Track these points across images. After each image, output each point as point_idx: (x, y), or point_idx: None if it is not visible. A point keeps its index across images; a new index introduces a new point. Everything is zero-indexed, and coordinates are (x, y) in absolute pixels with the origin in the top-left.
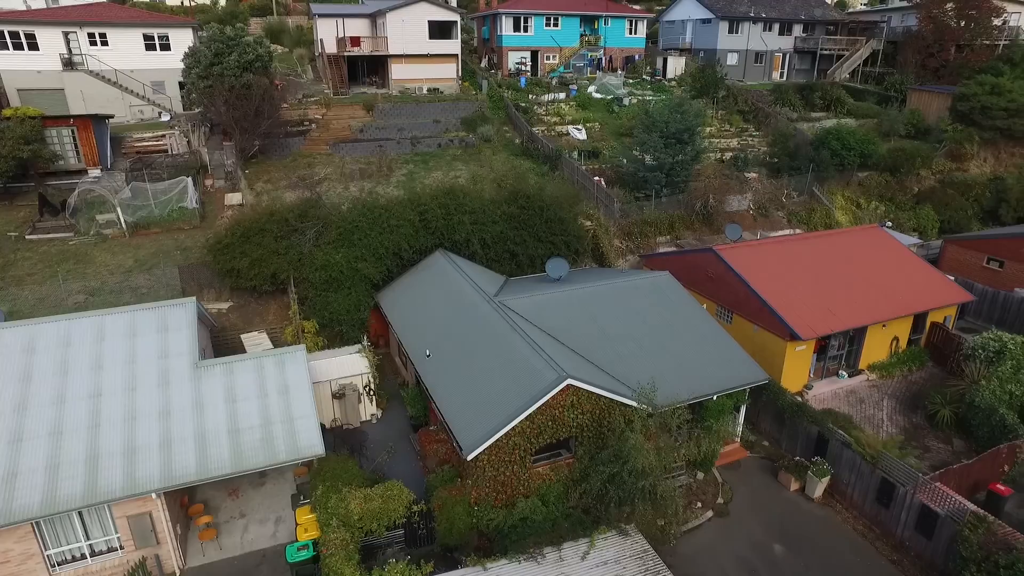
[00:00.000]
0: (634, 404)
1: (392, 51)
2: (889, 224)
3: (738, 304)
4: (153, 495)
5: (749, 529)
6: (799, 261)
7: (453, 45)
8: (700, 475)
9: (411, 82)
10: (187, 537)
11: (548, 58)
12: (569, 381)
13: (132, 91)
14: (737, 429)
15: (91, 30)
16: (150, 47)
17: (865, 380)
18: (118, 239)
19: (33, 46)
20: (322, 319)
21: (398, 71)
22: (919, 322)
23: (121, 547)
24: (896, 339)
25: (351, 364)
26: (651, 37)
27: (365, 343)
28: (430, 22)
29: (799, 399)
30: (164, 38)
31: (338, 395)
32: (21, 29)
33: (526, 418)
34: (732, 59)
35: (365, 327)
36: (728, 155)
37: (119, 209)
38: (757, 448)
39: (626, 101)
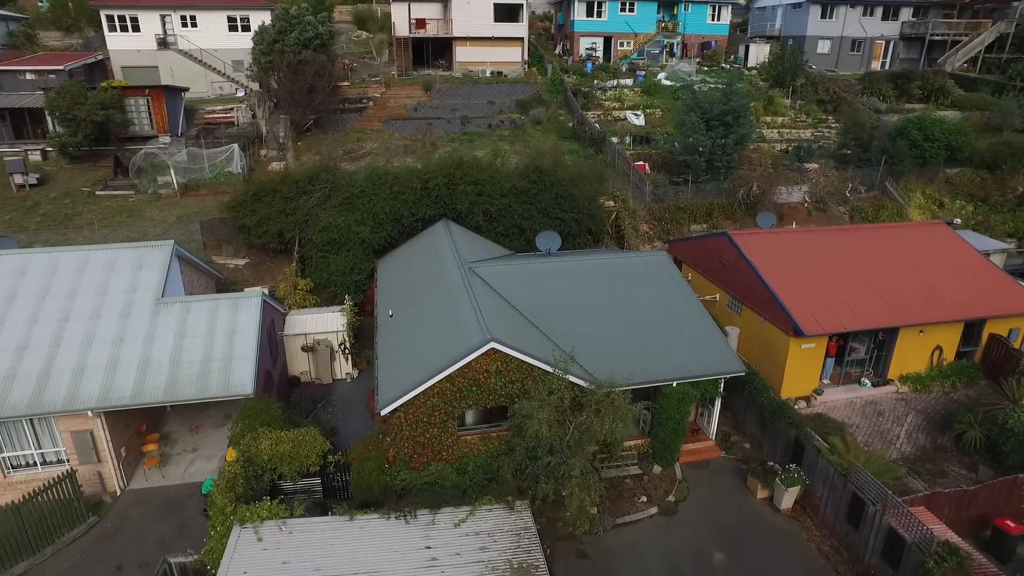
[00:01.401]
0: (552, 371)
1: (456, 33)
2: (957, 221)
3: (747, 294)
4: (90, 413)
5: (694, 533)
6: (827, 253)
7: (519, 28)
8: (657, 469)
9: (475, 65)
10: (134, 462)
11: (622, 44)
12: (492, 344)
13: (214, 68)
14: (711, 425)
15: (183, 13)
16: (232, 28)
17: (893, 392)
18: (170, 198)
19: (136, 28)
20: (319, 279)
21: (462, 53)
22: (973, 332)
23: (67, 460)
24: (939, 349)
25: (327, 321)
26: (741, 25)
27: (348, 303)
28: (496, 5)
29: (778, 398)
30: (245, 19)
31: (307, 348)
32: (127, 13)
33: (445, 379)
34: (823, 46)
35: (361, 290)
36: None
37: (173, 171)
38: (736, 449)
39: (696, 88)
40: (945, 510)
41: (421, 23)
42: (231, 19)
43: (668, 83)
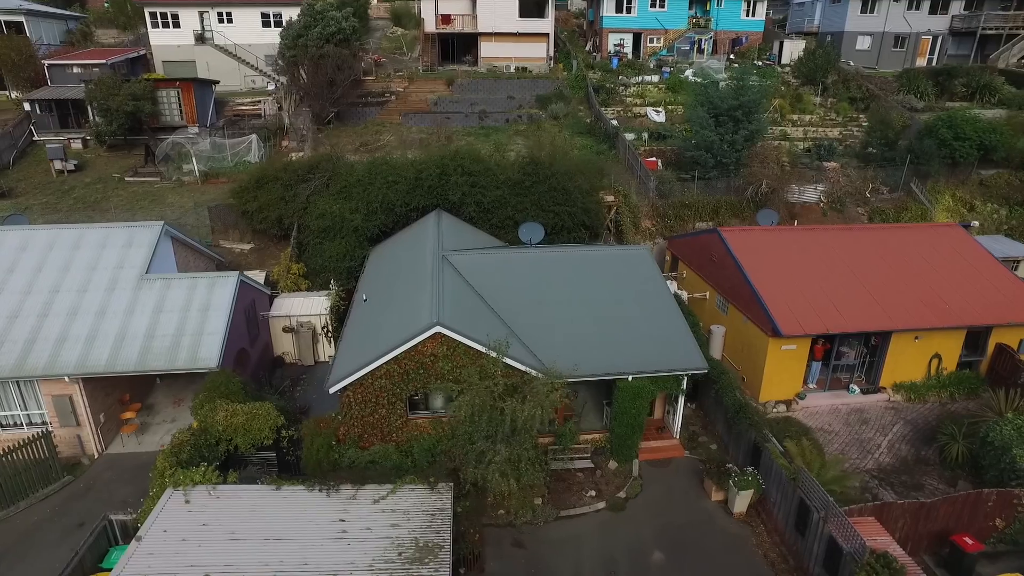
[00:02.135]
0: (492, 354)
1: (482, 29)
2: (975, 224)
3: (733, 292)
4: (67, 379)
5: (637, 531)
6: (823, 253)
7: (544, 24)
8: (614, 464)
9: (500, 60)
10: (115, 428)
11: (651, 40)
12: (438, 328)
13: (246, 62)
14: (675, 423)
15: (220, 9)
16: (266, 24)
17: (884, 400)
18: (191, 185)
19: (176, 24)
20: (314, 265)
21: (488, 49)
22: (977, 341)
23: (48, 422)
24: (938, 357)
25: (311, 304)
26: (780, 22)
27: (333, 288)
28: (521, 0)
29: (742, 398)
30: (278, 15)
31: (288, 329)
32: (169, 10)
33: (392, 360)
34: (863, 43)
35: (354, 276)
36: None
37: (195, 160)
38: (701, 449)
39: (723, 85)
40: (900, 523)
41: (447, 19)
42: (264, 15)
43: (695, 79)
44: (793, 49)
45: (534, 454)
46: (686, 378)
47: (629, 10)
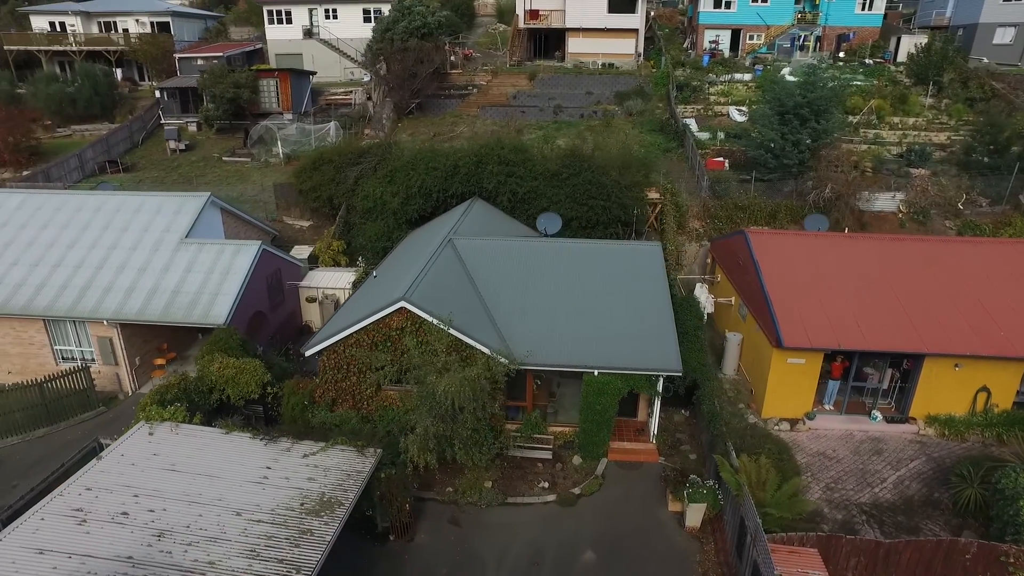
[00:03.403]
0: (439, 325)
1: (569, 24)
2: None
3: (751, 297)
4: (105, 323)
5: (579, 528)
6: (860, 263)
7: (633, 20)
8: (578, 460)
9: (587, 56)
10: (149, 371)
11: (751, 37)
12: (403, 304)
13: (346, 55)
14: (651, 427)
15: (327, 6)
16: (367, 19)
17: (913, 432)
18: (276, 166)
19: (288, 20)
20: (356, 244)
21: (575, 45)
22: None
23: (95, 359)
24: (986, 391)
25: (338, 278)
26: (906, 17)
27: (361, 264)
28: None
29: (715, 407)
30: (378, 11)
31: (311, 300)
32: (283, 8)
33: (362, 331)
34: (1003, 35)
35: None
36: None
37: (280, 143)
38: (679, 457)
39: (791, 81)
40: (852, 561)
41: (535, 14)
42: (365, 11)
43: (792, 78)
44: (912, 45)
45: (470, 434)
46: (661, 380)
47: (728, 6)
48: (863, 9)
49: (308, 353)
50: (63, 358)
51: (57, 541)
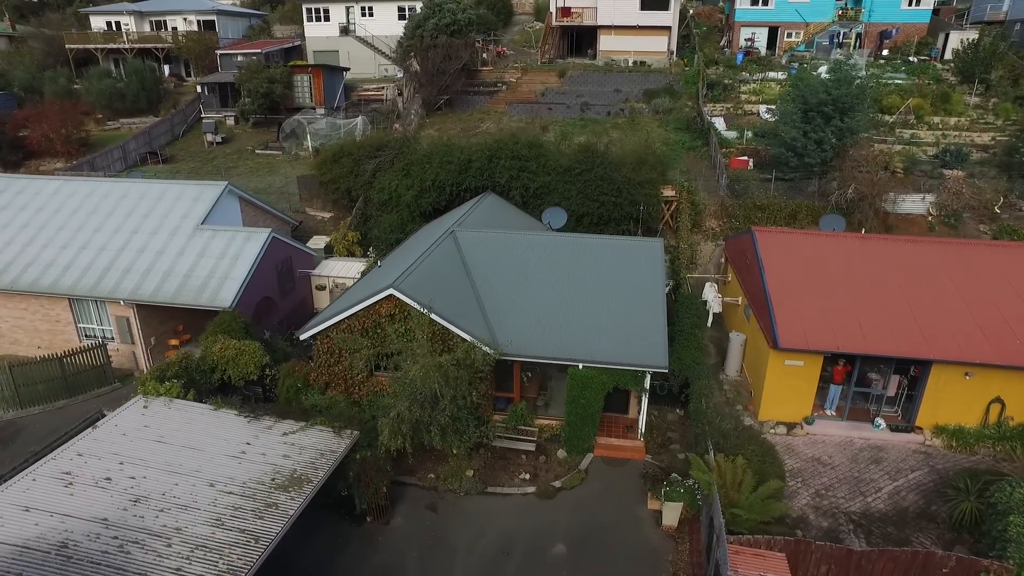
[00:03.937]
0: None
1: (601, 22)
2: None
3: (754, 297)
4: (122, 303)
5: (554, 521)
6: (870, 265)
7: (666, 17)
8: (562, 454)
9: (618, 54)
10: (163, 351)
11: (789, 35)
12: (391, 291)
13: (381, 51)
14: (639, 424)
15: (363, 4)
16: (401, 16)
17: (918, 442)
18: (304, 159)
19: (326, 18)
20: (372, 235)
21: (606, 42)
22: None
23: (114, 338)
24: (1000, 402)
25: (349, 268)
26: (959, 12)
27: (371, 255)
28: None
29: (702, 406)
30: (412, 9)
31: (321, 287)
32: (321, 6)
33: (352, 317)
34: None
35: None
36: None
37: (309, 137)
38: (667, 456)
39: (816, 77)
40: (822, 567)
41: (567, 11)
42: (400, 9)
43: (827, 76)
44: (960, 42)
45: (449, 421)
46: (648, 376)
47: (766, 2)
48: (910, 5)
49: (303, 337)
50: (86, 335)
51: (43, 500)
